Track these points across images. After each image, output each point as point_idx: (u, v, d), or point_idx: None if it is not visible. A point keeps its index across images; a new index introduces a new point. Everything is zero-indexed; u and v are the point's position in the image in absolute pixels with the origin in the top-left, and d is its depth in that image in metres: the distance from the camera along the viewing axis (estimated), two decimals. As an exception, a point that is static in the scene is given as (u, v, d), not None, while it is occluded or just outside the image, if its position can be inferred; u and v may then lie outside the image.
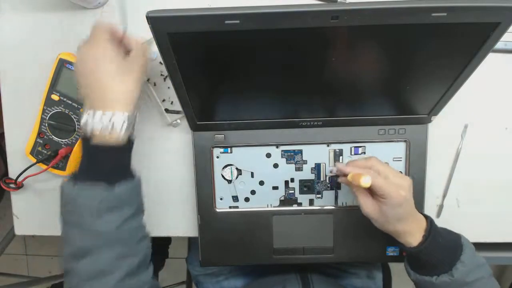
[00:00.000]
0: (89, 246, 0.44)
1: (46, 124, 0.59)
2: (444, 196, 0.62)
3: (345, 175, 0.51)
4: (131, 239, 0.46)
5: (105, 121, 0.44)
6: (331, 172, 0.59)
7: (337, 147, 0.59)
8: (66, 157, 0.60)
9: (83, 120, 0.45)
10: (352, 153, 0.59)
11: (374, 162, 0.50)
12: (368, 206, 0.49)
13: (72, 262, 0.45)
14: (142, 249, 0.48)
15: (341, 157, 0.60)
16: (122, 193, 0.45)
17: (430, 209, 0.62)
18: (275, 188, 0.61)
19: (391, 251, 0.61)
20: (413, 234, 0.49)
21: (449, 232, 0.52)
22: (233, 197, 0.61)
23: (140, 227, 0.49)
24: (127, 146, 0.47)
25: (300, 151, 0.60)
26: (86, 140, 0.45)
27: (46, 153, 0.60)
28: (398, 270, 0.81)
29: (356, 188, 0.50)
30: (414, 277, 0.52)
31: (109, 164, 0.45)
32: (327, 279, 0.67)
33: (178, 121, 0.61)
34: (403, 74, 0.47)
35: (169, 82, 0.59)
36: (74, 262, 0.44)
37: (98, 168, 0.45)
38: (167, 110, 0.60)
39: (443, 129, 0.60)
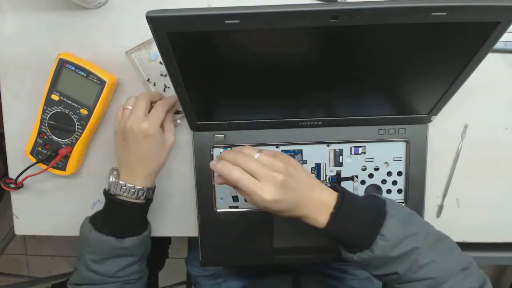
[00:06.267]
0: (91, 280, 0.53)
1: (46, 124, 0.59)
2: (444, 196, 0.62)
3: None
4: (129, 279, 0.55)
5: (127, 189, 0.53)
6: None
7: (337, 147, 0.59)
8: (66, 157, 0.60)
9: (110, 180, 0.53)
10: (352, 153, 0.59)
11: (241, 158, 0.45)
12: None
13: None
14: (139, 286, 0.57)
15: (341, 157, 0.60)
16: (131, 245, 0.53)
17: (430, 209, 0.62)
18: (275, 188, 0.61)
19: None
20: (318, 215, 0.45)
21: (371, 202, 0.47)
22: (233, 197, 0.61)
23: (140, 271, 0.57)
24: (144, 204, 0.55)
25: (300, 151, 0.60)
26: (109, 195, 0.53)
27: (46, 153, 0.60)
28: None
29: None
30: (344, 255, 0.47)
31: (124, 220, 0.53)
32: (321, 283, 0.67)
33: (178, 121, 0.61)
34: (403, 74, 0.47)
35: (169, 82, 0.59)
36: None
37: (114, 223, 0.53)
38: (167, 110, 0.60)
39: (443, 129, 0.60)
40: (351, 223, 0.44)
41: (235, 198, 0.61)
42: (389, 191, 0.61)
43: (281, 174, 0.43)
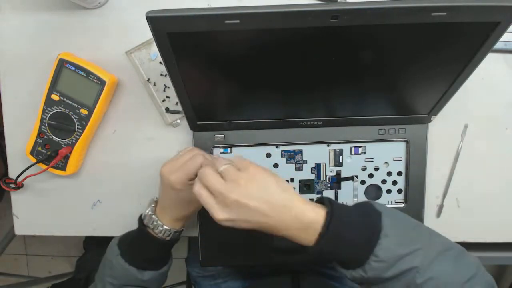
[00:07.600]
0: None
1: (46, 124, 0.59)
2: (444, 196, 0.62)
3: None
4: None
5: (157, 225, 0.53)
6: None
7: (337, 147, 0.59)
8: (66, 157, 0.60)
9: (147, 211, 0.54)
10: (352, 153, 0.60)
11: (202, 174, 0.43)
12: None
13: None
14: None
15: (341, 157, 0.60)
16: (149, 278, 0.54)
17: (430, 209, 0.62)
18: (275, 188, 0.61)
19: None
20: (302, 237, 0.41)
21: (364, 216, 0.42)
22: (233, 197, 0.61)
23: None
24: (169, 242, 0.55)
25: (300, 151, 0.60)
26: (141, 223, 0.54)
27: (46, 153, 0.60)
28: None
29: None
30: (335, 267, 0.44)
31: (148, 253, 0.54)
32: (320, 283, 0.67)
33: (178, 121, 0.61)
34: (403, 74, 0.47)
35: (169, 82, 0.59)
36: None
37: (138, 253, 0.53)
38: (167, 110, 0.60)
39: (443, 129, 0.60)
40: (341, 243, 0.40)
41: (235, 198, 0.61)
42: (389, 191, 0.61)
43: (234, 193, 0.40)
